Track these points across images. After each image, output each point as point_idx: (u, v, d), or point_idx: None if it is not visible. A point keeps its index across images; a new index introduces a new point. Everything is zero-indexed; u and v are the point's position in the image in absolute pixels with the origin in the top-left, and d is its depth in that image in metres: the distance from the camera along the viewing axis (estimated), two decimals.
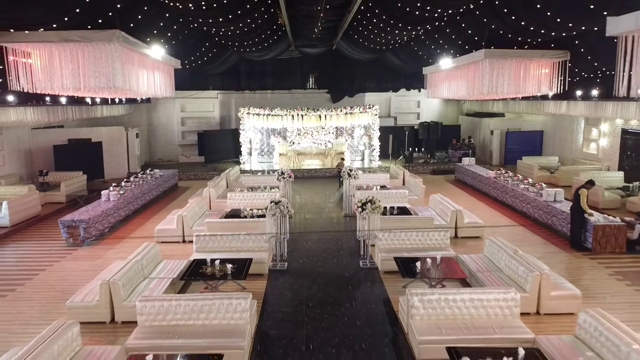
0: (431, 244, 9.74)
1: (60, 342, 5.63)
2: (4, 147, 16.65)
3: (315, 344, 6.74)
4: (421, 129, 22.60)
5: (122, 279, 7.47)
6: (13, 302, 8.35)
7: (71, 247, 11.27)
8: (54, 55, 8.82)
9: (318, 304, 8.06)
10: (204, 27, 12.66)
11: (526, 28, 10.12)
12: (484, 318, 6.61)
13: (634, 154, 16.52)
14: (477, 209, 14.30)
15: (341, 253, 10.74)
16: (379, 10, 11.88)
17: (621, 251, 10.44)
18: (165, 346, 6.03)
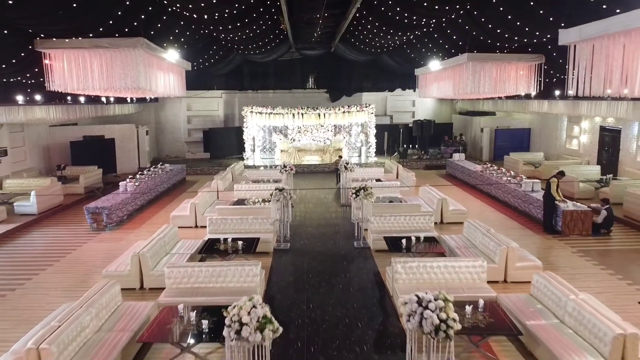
0: (417, 226, 10.99)
1: (106, 296, 6.89)
2: (25, 143, 17.91)
3: (315, 304, 8.01)
4: (415, 127, 23.88)
5: (149, 252, 8.75)
6: (52, 274, 9.61)
7: (95, 232, 12.54)
8: (86, 59, 10.08)
9: (317, 275, 9.34)
10: (214, 33, 13.93)
11: (502, 35, 11.39)
12: (456, 282, 7.89)
13: (610, 149, 17.80)
14: (465, 199, 15.56)
15: (338, 236, 12.02)
16: (372, 18, 13.15)
17: (587, 233, 11.72)
18: (190, 302, 7.27)
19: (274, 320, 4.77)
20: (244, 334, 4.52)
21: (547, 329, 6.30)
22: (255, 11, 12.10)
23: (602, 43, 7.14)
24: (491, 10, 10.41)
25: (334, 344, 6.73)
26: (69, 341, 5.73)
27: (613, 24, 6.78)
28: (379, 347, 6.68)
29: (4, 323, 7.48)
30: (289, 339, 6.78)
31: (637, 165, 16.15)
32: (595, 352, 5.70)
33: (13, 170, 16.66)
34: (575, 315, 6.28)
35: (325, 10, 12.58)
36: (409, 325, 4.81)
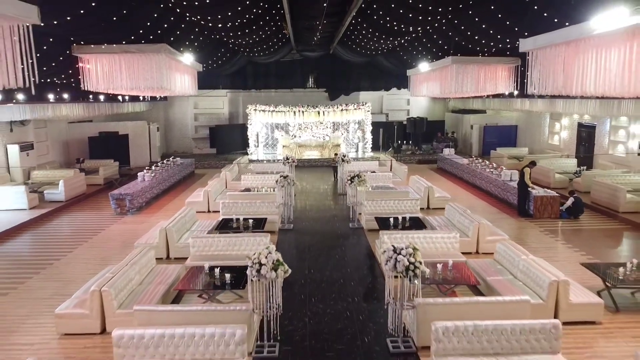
0: (405, 209, 12.50)
1: (144, 259, 8.42)
2: (47, 138, 19.44)
3: (315, 269, 9.54)
4: (409, 124, 25.38)
5: (174, 227, 10.27)
6: (88, 249, 11.12)
7: (119, 216, 14.06)
8: (116, 62, 11.57)
9: (317, 249, 10.87)
10: (224, 38, 15.43)
11: (479, 41, 12.90)
12: (433, 250, 9.40)
13: (586, 144, 19.34)
14: (452, 189, 17.10)
15: (335, 219, 13.56)
16: (366, 25, 14.66)
17: (555, 216, 13.25)
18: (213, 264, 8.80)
19: (285, 263, 6.27)
20: (263, 272, 6.03)
21: (501, 282, 7.84)
22: (262, 19, 13.61)
23: (549, 51, 8.65)
24: (468, 20, 11.92)
25: (330, 296, 8.26)
26: (121, 288, 7.26)
27: (557, 36, 8.28)
28: (366, 298, 8.22)
29: (57, 283, 8.99)
30: (294, 293, 8.31)
31: (609, 158, 17.69)
32: (536, 296, 7.23)
33: (38, 163, 18.16)
34: (524, 271, 7.82)
35: (325, 18, 14.10)
36: (387, 267, 6.32)
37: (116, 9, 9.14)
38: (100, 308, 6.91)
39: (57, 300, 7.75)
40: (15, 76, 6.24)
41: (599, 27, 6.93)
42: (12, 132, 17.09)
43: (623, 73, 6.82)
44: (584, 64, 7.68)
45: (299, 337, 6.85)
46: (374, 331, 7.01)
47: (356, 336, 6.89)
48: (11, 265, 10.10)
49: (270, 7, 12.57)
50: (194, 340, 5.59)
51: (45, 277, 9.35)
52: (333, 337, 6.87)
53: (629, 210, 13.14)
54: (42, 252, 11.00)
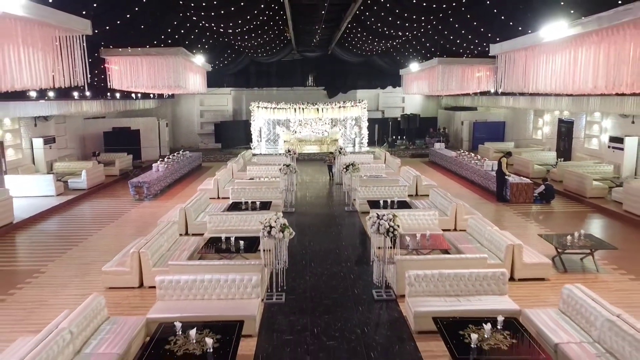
0: (394, 194, 14.01)
1: (169, 231, 9.96)
2: (66, 133, 20.96)
3: (314, 242, 11.09)
4: (402, 120, 26.91)
5: (192, 207, 11.81)
6: (115, 227, 12.66)
7: (137, 202, 15.58)
8: (138, 64, 13.06)
9: (316, 227, 12.42)
10: (231, 40, 16.95)
11: (461, 44, 14.42)
12: (415, 225, 10.93)
13: (566, 138, 20.88)
14: (440, 179, 18.66)
15: (332, 203, 15.12)
16: (360, 29, 16.18)
17: (530, 201, 14.80)
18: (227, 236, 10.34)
19: (289, 227, 7.80)
20: (273, 232, 7.57)
21: (470, 248, 9.40)
22: (267, 24, 15.12)
23: (512, 55, 10.17)
24: (450, 26, 13.43)
25: (327, 262, 9.80)
26: (154, 251, 8.80)
27: (517, 43, 9.79)
28: (357, 263, 9.77)
29: (94, 252, 10.52)
30: (296, 260, 9.84)
31: (585, 151, 19.24)
32: (496, 257, 8.78)
33: (59, 155, 19.68)
34: (489, 239, 9.37)
35: (323, 24, 15.62)
36: (372, 230, 7.86)
37: (145, 19, 10.61)
38: (139, 266, 8.46)
39: (97, 265, 9.29)
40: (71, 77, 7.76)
41: (547, 36, 8.44)
42: (36, 127, 18.61)
43: (566, 74, 8.33)
44: (538, 66, 9.19)
45: (301, 290, 8.40)
46: (362, 285, 8.56)
47: (348, 289, 8.43)
48: (51, 240, 11.64)
49: (274, 14, 14.09)
50: (219, 284, 7.14)
51: (83, 248, 10.89)
52: (329, 289, 8.42)
53: (595, 195, 14.70)
54: (75, 230, 12.54)
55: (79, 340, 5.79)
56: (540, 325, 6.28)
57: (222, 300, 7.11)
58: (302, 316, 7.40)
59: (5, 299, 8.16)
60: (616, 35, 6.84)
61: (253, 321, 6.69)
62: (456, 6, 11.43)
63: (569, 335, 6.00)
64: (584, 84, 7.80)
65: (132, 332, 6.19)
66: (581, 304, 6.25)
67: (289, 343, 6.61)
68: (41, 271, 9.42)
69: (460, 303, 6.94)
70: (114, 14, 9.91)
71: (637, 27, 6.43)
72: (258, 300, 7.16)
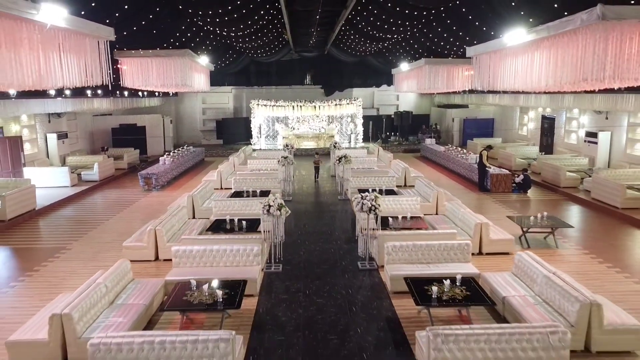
0: (383, 184, 15.27)
1: (179, 214, 11.22)
2: (77, 129, 22.21)
3: (309, 225, 12.35)
4: (395, 117, 28.17)
5: (198, 194, 13.07)
6: (128, 213, 13.91)
7: (146, 192, 16.83)
8: (148, 64, 14.29)
9: (311, 212, 13.69)
10: (233, 43, 18.18)
11: (445, 46, 15.68)
12: (399, 209, 12.14)
13: (548, 133, 22.14)
14: (429, 171, 19.93)
15: (326, 192, 16.38)
16: (353, 31, 17.42)
17: (508, 191, 16.05)
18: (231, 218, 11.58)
19: (286, 206, 9.06)
20: (271, 210, 8.83)
21: (445, 228, 10.66)
22: (266, 27, 16.35)
23: (484, 57, 11.42)
24: (434, 30, 14.67)
25: (320, 241, 11.07)
26: (168, 229, 10.06)
27: (487, 46, 11.03)
28: (347, 242, 11.01)
29: (112, 234, 11.77)
30: (293, 239, 11.10)
31: (565, 145, 20.51)
32: (467, 235, 10.04)
33: (70, 150, 20.93)
34: (462, 219, 10.64)
35: (318, 27, 16.85)
36: (356, 209, 9.11)
37: (157, 25, 11.85)
38: (155, 242, 9.72)
39: (116, 243, 10.55)
40: (101, 76, 9.00)
41: (510, 41, 9.68)
42: (49, 123, 19.85)
43: (526, 74, 9.57)
44: (503, 67, 10.43)
45: (296, 262, 9.66)
46: (350, 259, 9.82)
47: (337, 261, 9.70)
48: (71, 224, 12.91)
49: (273, 18, 15.32)
50: (226, 253, 8.40)
51: (101, 230, 12.15)
52: (320, 262, 9.68)
53: (568, 185, 15.96)
54: (91, 215, 13.80)
55: (112, 293, 7.06)
56: (493, 284, 7.55)
57: (228, 267, 8.37)
58: (296, 281, 8.66)
59: (40, 270, 9.42)
60: (561, 41, 8.08)
61: (254, 283, 7.95)
62: (436, 12, 12.68)
63: (516, 291, 7.27)
64: (538, 83, 9.04)
65: (154, 289, 7.45)
66: (528, 266, 7.53)
67: (285, 301, 7.87)
68: (67, 248, 10.68)
69: (429, 268, 8.20)
70: (131, 21, 11.15)
71: (576, 35, 7.66)
72: (259, 267, 8.43)
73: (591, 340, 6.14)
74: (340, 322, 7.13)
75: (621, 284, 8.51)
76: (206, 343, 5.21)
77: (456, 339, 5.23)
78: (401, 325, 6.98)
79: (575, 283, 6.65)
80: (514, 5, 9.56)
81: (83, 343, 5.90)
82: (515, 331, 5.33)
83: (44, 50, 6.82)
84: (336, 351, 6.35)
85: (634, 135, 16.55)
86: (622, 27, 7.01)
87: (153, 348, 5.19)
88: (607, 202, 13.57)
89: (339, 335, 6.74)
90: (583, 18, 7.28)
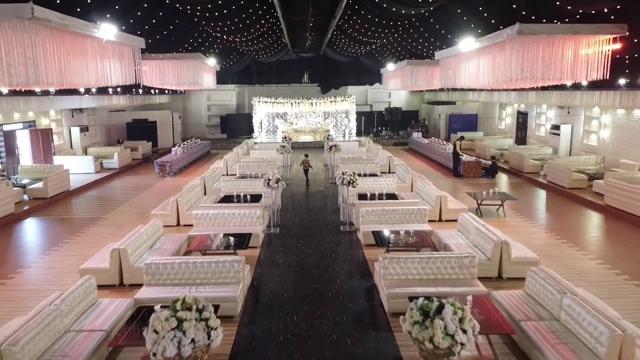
0: (368, 170, 17.57)
1: (194, 191, 13.52)
2: (95, 123, 24.54)
3: (302, 202, 14.66)
4: (386, 113, 30.45)
5: (209, 177, 15.39)
6: (147, 194, 16.22)
7: (161, 178, 19.15)
8: (164, 66, 16.56)
9: (305, 194, 16.00)
10: (237, 45, 20.49)
11: (422, 49, 17.98)
12: (378, 188, 14.46)
13: (522, 127, 24.43)
14: (414, 161, 22.22)
15: (319, 178, 18.69)
16: (343, 36, 19.71)
17: (478, 176, 18.34)
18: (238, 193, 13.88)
19: (282, 180, 11.37)
20: (270, 184, 11.15)
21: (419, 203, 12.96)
22: (267, 32, 18.66)
23: (446, 60, 13.73)
24: (412, 36, 16.95)
25: (311, 213, 13.38)
26: (187, 201, 12.37)
27: (449, 52, 13.32)
28: (333, 213, 13.30)
29: (137, 208, 14.09)
30: (288, 211, 13.40)
31: (535, 137, 22.80)
32: (429, 205, 12.35)
33: (90, 142, 23.26)
34: (427, 193, 12.94)
35: (311, 32, 19.15)
36: (338, 182, 11.42)
37: (175, 34, 14.14)
38: (177, 210, 12.03)
39: (143, 214, 12.87)
40: (134, 77, 11.29)
41: (463, 48, 11.95)
42: (72, 118, 22.18)
43: (476, 75, 11.84)
44: (461, 68, 12.71)
45: (290, 227, 11.98)
46: (334, 225, 12.12)
47: (323, 227, 12.01)
48: (102, 201, 15.24)
49: (272, 25, 17.61)
50: (235, 216, 10.72)
51: (128, 206, 14.48)
52: (310, 227, 11.99)
53: (531, 171, 18.26)
54: (117, 195, 16.13)
55: (149, 241, 9.39)
56: (441, 237, 9.85)
57: (237, 226, 10.69)
58: (290, 239, 10.98)
59: (85, 232, 11.74)
60: (495, 50, 10.34)
61: (257, 237, 10.27)
62: (409, 24, 14.96)
63: (455, 240, 9.57)
64: (482, 82, 11.32)
65: (180, 240, 9.78)
66: (467, 222, 9.84)
67: (281, 250, 10.20)
68: (103, 218, 13.02)
69: (392, 226, 10.50)
70: (156, 31, 13.46)
71: (504, 45, 9.92)
72: (261, 227, 10.75)
73: (502, 270, 8.45)
74: (322, 263, 9.44)
75: (541, 237, 10.85)
76: (224, 263, 7.54)
77: (398, 260, 7.54)
78: (367, 264, 9.30)
79: (496, 230, 8.97)
80: (465, 19, 11.83)
81: (134, 270, 8.26)
82: (441, 256, 7.65)
83: (101, 58, 9.10)
84: (318, 278, 8.67)
85: (589, 128, 18.82)
86: (534, 40, 9.30)
87: (188, 266, 7.51)
88: (558, 183, 15.86)
89: (320, 270, 9.06)
90: (508, 32, 9.55)
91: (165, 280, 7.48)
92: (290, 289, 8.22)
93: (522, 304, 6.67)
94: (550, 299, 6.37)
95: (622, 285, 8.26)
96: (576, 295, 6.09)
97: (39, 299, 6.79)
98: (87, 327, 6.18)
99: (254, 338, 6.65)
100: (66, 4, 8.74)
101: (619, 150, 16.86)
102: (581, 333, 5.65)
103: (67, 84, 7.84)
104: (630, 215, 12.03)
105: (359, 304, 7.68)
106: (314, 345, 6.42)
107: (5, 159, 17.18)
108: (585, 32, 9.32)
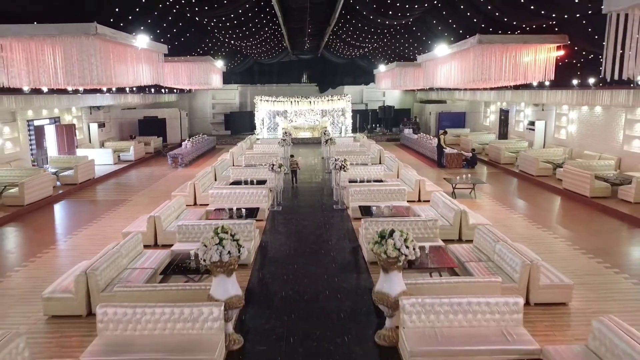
0: (360, 161, 19.63)
1: (207, 177, 15.56)
2: (110, 120, 26.57)
3: (301, 187, 16.71)
4: (379, 111, 32.50)
5: (220, 166, 17.44)
6: (162, 182, 18.24)
7: (173, 168, 21.19)
8: (179, 68, 18.60)
9: (303, 181, 18.04)
10: (242, 49, 22.54)
11: (409, 53, 20.04)
12: (367, 175, 16.52)
13: (504, 123, 26.50)
14: (403, 154, 24.28)
15: (317, 169, 20.76)
16: (338, 40, 21.76)
17: (459, 167, 20.40)
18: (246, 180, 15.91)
19: (285, 165, 13.40)
20: (275, 168, 13.20)
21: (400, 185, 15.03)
22: (269, 37, 20.71)
23: (426, 63, 15.80)
24: (399, 41, 19.02)
25: (309, 194, 15.42)
26: (202, 184, 14.41)
27: (428, 56, 15.39)
28: (328, 196, 15.36)
29: (157, 192, 16.12)
30: (289, 195, 15.45)
31: (515, 133, 24.87)
32: (410, 187, 14.40)
33: (106, 137, 25.30)
34: (408, 178, 14.98)
35: (309, 37, 21.18)
36: (332, 167, 13.46)
37: (190, 40, 16.20)
38: (194, 191, 14.08)
39: (162, 197, 14.87)
40: (158, 78, 13.33)
41: (438, 53, 14.00)
42: (90, 114, 24.21)
43: (449, 76, 13.89)
44: (436, 71, 14.79)
45: (291, 205, 14.03)
46: (328, 204, 14.18)
47: (319, 206, 14.06)
48: (124, 187, 17.28)
49: (274, 31, 19.66)
50: (244, 194, 12.77)
51: (148, 191, 16.52)
52: (307, 205, 14.05)
53: (507, 162, 20.32)
54: (136, 182, 18.17)
55: (175, 213, 11.43)
56: (415, 210, 11.89)
57: (247, 203, 12.73)
58: (291, 214, 13.03)
59: (115, 209, 13.79)
60: (462, 55, 12.39)
61: (264, 212, 12.31)
62: (395, 31, 17.02)
63: (426, 212, 11.61)
64: (454, 82, 13.39)
65: (200, 213, 11.84)
66: (438, 199, 11.89)
67: (283, 222, 12.25)
68: (129, 199, 15.07)
69: (377, 203, 12.54)
70: (174, 39, 15.52)
71: (468, 52, 11.97)
72: (267, 204, 12.80)
73: (462, 234, 10.50)
74: (317, 232, 11.50)
75: (501, 212, 12.92)
76: (240, 225, 9.59)
77: (377, 222, 9.58)
78: (354, 232, 11.35)
79: (459, 204, 11.02)
80: (440, 29, 13.91)
81: (167, 233, 10.31)
82: (412, 219, 9.70)
83: (137, 63, 11.14)
84: (314, 241, 10.72)
85: (559, 123, 20.89)
86: (491, 48, 11.35)
87: (211, 227, 9.53)
88: (528, 172, 17.93)
89: (316, 236, 11.11)
90: (471, 41, 11.60)
91: (193, 238, 9.52)
92: (291, 248, 10.28)
93: (469, 252, 8.73)
94: (488, 247, 8.43)
95: (555, 244, 10.35)
96: (506, 241, 8.16)
97: (93, 254, 8.80)
98: (139, 266, 8.23)
99: (264, 279, 8.71)
100: (112, 20, 10.79)
101: (584, 143, 18.93)
102: (506, 267, 7.71)
103: (115, 84, 9.89)
104: (579, 196, 14.12)
105: (346, 257, 9.75)
106: (309, 282, 8.47)
107: (36, 150, 19.22)
108: (533, 41, 11.39)
